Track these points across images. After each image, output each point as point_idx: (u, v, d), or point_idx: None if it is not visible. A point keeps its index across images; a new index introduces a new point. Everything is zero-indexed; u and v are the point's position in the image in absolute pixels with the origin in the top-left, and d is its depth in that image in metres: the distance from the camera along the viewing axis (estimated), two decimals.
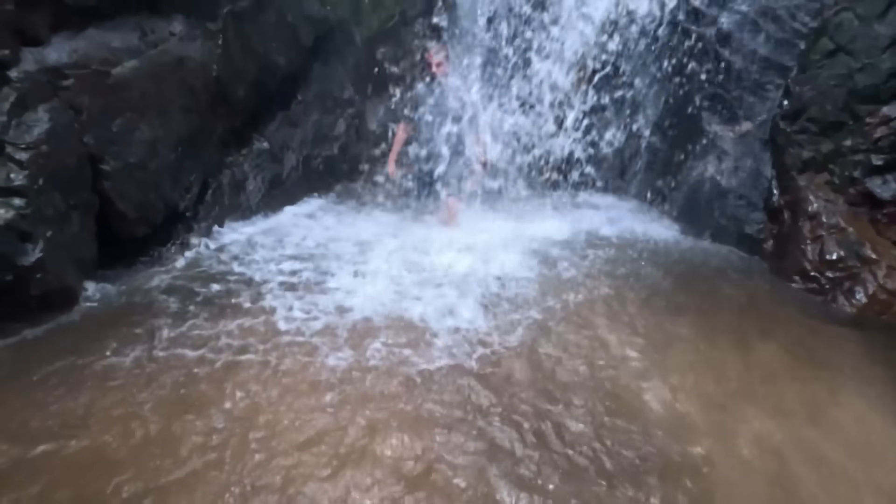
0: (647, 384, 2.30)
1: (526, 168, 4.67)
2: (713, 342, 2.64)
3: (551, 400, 2.18)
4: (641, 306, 2.96)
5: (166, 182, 3.20)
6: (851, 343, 2.69)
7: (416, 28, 6.65)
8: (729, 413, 2.15)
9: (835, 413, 2.21)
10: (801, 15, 3.72)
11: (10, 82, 2.34)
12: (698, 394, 2.27)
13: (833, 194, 3.30)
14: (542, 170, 4.72)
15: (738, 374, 2.41)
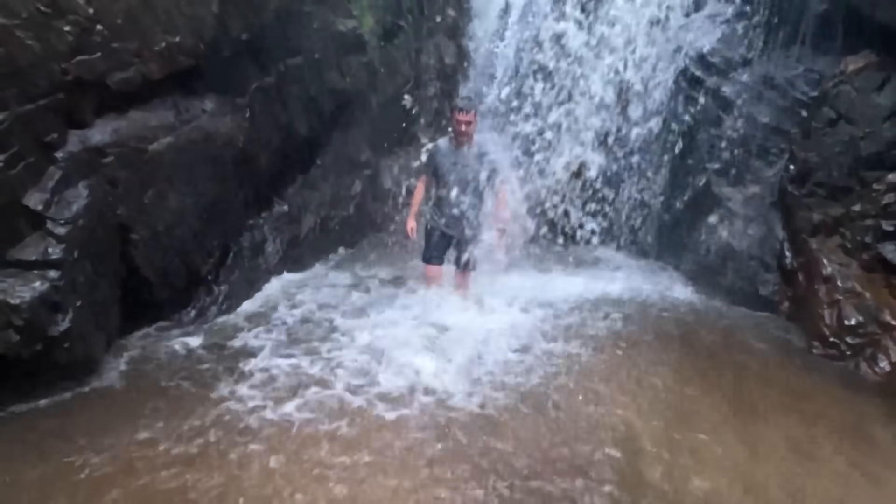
0: (668, 455, 2.25)
1: (539, 226, 4.77)
2: (734, 415, 2.58)
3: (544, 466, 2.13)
4: (655, 375, 2.92)
5: (190, 248, 3.31)
6: (882, 415, 2.62)
7: (430, 91, 6.99)
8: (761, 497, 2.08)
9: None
10: (801, 84, 3.89)
11: (56, 162, 2.50)
12: (724, 469, 2.21)
13: (846, 258, 3.32)
14: (556, 228, 4.81)
15: (766, 451, 2.35)
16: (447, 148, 3.59)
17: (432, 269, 3.74)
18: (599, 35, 4.94)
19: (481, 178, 3.54)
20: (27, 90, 2.31)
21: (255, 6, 3.42)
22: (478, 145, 3.53)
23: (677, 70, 4.58)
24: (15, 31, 2.21)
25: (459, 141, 3.50)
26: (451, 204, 3.57)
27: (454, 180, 3.54)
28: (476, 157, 3.51)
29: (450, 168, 3.54)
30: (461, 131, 3.42)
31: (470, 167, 3.51)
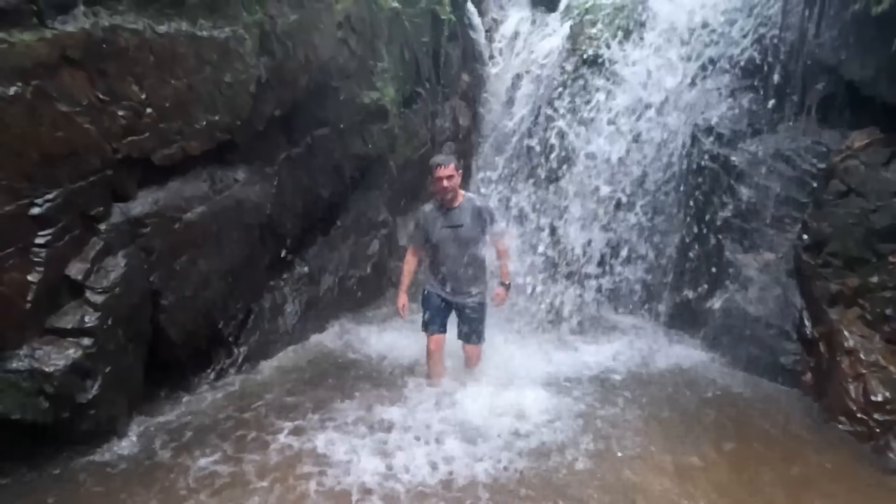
0: None
1: (550, 291, 4.80)
2: (757, 497, 2.50)
3: None
4: (673, 452, 2.85)
5: (215, 311, 3.39)
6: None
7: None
8: None
9: None
10: (809, 156, 4.01)
11: (99, 233, 2.64)
12: None
13: (868, 330, 3.29)
14: (567, 292, 4.84)
15: None
16: (434, 211, 3.36)
17: (434, 340, 3.42)
18: (611, 99, 5.18)
19: (476, 235, 3.32)
20: (80, 168, 2.48)
21: (288, 85, 3.68)
22: (467, 200, 3.33)
23: (687, 138, 4.75)
24: (75, 118, 2.40)
25: (444, 200, 3.27)
26: (448, 268, 3.35)
27: (447, 243, 3.31)
28: (467, 213, 3.29)
29: (441, 232, 3.31)
30: (442, 187, 3.19)
31: (463, 226, 3.28)
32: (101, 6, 2.46)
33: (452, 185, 3.21)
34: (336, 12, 4.08)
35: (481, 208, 3.34)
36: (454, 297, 3.42)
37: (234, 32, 3.14)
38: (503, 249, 3.46)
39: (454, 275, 3.37)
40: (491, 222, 3.36)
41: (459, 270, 3.35)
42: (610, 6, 5.91)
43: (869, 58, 3.40)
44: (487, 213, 3.37)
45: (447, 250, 3.34)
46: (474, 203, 3.36)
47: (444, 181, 3.18)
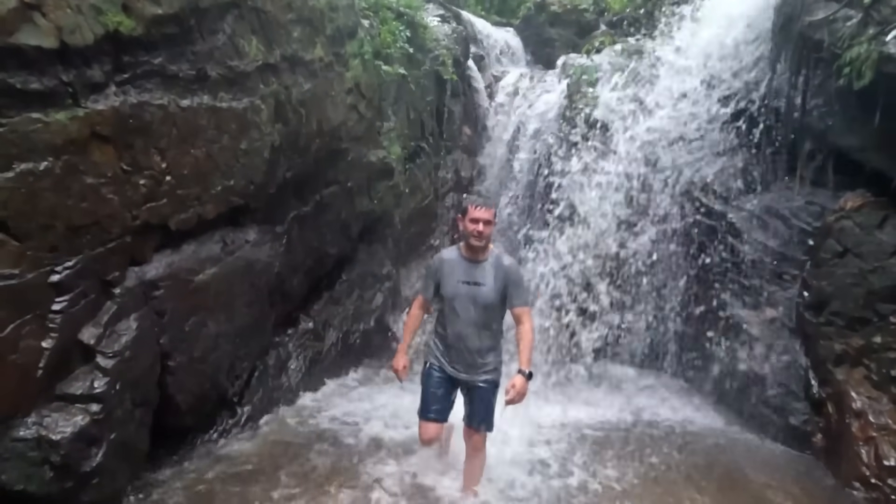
0: None
1: (554, 348, 4.81)
2: None
3: None
4: None
5: (222, 372, 3.39)
6: None
7: (447, 202, 7.45)
8: None
9: None
10: (804, 216, 4.12)
11: (113, 297, 2.68)
12: None
13: (875, 392, 3.29)
14: (570, 349, 4.84)
15: None
16: (456, 260, 2.78)
17: (430, 429, 2.83)
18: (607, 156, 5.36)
19: (497, 301, 2.74)
20: (100, 237, 2.56)
21: (300, 150, 3.84)
22: (494, 257, 2.75)
23: (683, 194, 4.89)
24: (100, 189, 2.50)
25: (473, 250, 2.71)
26: (458, 334, 2.75)
27: (464, 303, 2.72)
28: (491, 271, 2.71)
29: (458, 287, 2.72)
30: (478, 233, 2.64)
31: (485, 286, 2.70)
32: (131, 85, 2.61)
33: (488, 233, 2.70)
34: (347, 80, 4.31)
35: (508, 269, 2.75)
36: (462, 373, 2.82)
37: (252, 103, 3.31)
38: (526, 328, 2.74)
39: (464, 344, 2.77)
40: (517, 288, 2.76)
41: (471, 340, 2.76)
42: (605, 68, 6.22)
43: (855, 127, 3.57)
44: (516, 277, 2.77)
45: (460, 311, 2.75)
46: (502, 261, 2.76)
47: (482, 225, 2.65)
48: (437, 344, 2.91)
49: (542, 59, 9.07)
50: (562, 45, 8.95)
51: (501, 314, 2.85)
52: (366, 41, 4.59)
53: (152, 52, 2.69)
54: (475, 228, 2.67)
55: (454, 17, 7.84)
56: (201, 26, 2.92)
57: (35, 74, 2.21)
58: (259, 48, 3.32)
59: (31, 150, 2.24)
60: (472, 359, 2.80)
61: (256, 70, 3.32)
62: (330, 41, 4.05)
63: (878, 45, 3.04)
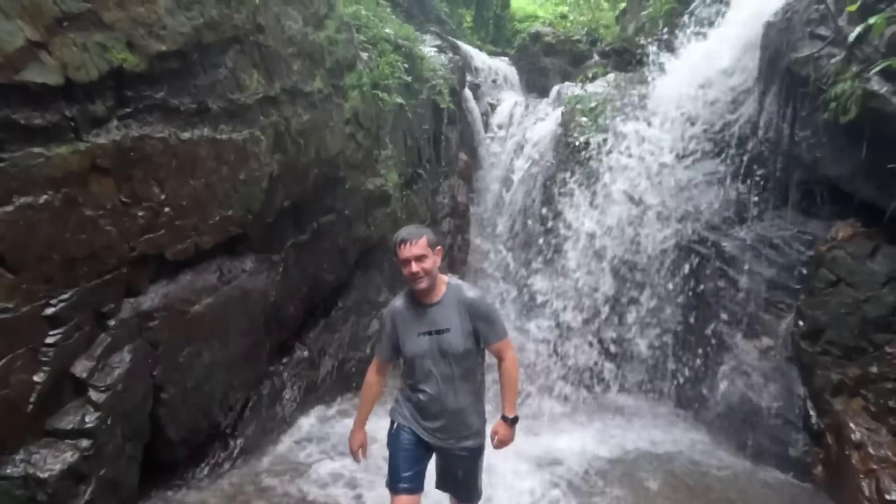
0: None
1: (550, 375, 4.78)
2: None
3: None
4: None
5: (215, 403, 3.34)
6: None
7: (444, 227, 7.49)
8: None
9: None
10: (796, 245, 4.16)
11: (108, 329, 2.66)
12: None
13: (874, 423, 3.27)
14: (567, 377, 4.82)
15: None
16: (408, 309, 2.31)
17: (402, 502, 2.31)
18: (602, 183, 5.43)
19: (469, 344, 2.27)
20: (97, 268, 2.55)
21: (298, 178, 3.87)
22: (451, 291, 2.27)
23: (678, 222, 4.94)
24: (98, 220, 2.51)
25: (417, 292, 2.24)
26: (433, 396, 2.29)
27: (431, 358, 2.27)
28: (453, 310, 2.25)
29: (419, 341, 2.26)
30: (411, 273, 2.19)
31: (449, 331, 2.24)
32: (132, 119, 2.65)
33: (426, 269, 2.19)
34: (345, 110, 4.38)
35: (473, 303, 2.27)
36: (439, 441, 2.35)
37: (252, 134, 3.36)
38: (507, 364, 2.33)
39: (439, 406, 2.30)
40: (489, 323, 2.30)
41: (448, 399, 2.29)
42: (598, 97, 6.36)
43: (843, 158, 3.64)
44: (484, 309, 2.30)
45: (429, 369, 2.27)
46: (462, 294, 2.28)
47: (413, 264, 2.18)
48: (405, 403, 2.40)
49: (536, 88, 9.29)
50: (555, 73, 9.18)
51: (479, 359, 2.37)
52: (364, 73, 4.69)
53: (155, 87, 2.73)
54: (407, 271, 2.21)
55: (451, 48, 8.05)
56: (204, 61, 2.98)
57: (39, 110, 2.24)
58: (260, 81, 3.38)
59: (31, 183, 2.25)
60: (450, 422, 2.32)
61: (257, 102, 3.37)
62: (329, 73, 4.13)
63: (863, 82, 3.13)
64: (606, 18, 11.03)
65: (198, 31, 2.87)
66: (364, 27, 5.26)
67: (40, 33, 2.19)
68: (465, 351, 2.28)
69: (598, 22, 10.40)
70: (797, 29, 3.85)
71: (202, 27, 2.90)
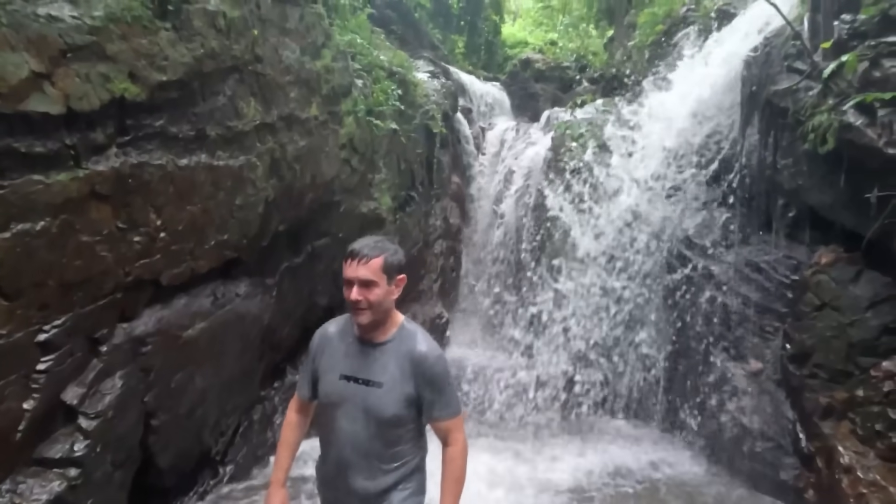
0: None
1: (538, 398, 4.79)
2: None
3: None
4: None
5: (207, 429, 3.30)
6: None
7: (436, 249, 7.54)
8: None
9: None
10: (782, 269, 4.26)
11: (100, 355, 2.65)
12: None
13: (862, 446, 3.31)
14: (556, 399, 4.83)
15: None
16: (339, 335, 1.81)
17: None
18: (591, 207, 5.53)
19: (402, 412, 1.70)
20: (91, 294, 2.55)
21: (293, 203, 3.91)
22: (405, 336, 1.74)
23: (667, 245, 5.04)
24: (95, 246, 2.52)
25: (360, 327, 1.71)
26: (341, 465, 1.72)
27: (349, 413, 1.71)
28: (394, 360, 1.71)
29: (339, 386, 1.73)
30: (354, 302, 1.67)
31: (383, 387, 1.69)
32: (132, 146, 2.69)
33: (371, 301, 1.66)
34: (341, 136, 4.46)
35: (423, 360, 1.71)
36: None
37: (248, 160, 3.41)
38: (453, 453, 1.73)
39: (345, 482, 1.73)
40: (438, 392, 1.72)
41: (357, 476, 1.71)
42: (587, 123, 6.53)
43: (824, 186, 3.77)
44: (435, 372, 1.71)
45: (338, 425, 1.72)
46: (413, 345, 1.73)
47: (356, 290, 1.67)
48: (320, 467, 1.84)
49: (527, 112, 9.49)
50: (546, 99, 9.41)
51: (414, 433, 1.75)
52: (359, 99, 4.79)
53: (155, 115, 2.78)
54: (347, 296, 1.68)
55: (443, 73, 8.22)
56: (203, 90, 3.05)
57: (40, 138, 2.27)
58: (257, 109, 3.45)
59: (30, 210, 2.27)
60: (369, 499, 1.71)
61: (254, 129, 3.44)
62: (325, 101, 4.22)
63: (839, 115, 3.26)
64: (595, 45, 11.36)
65: (198, 62, 2.94)
66: (359, 55, 5.39)
67: (45, 65, 2.24)
68: (395, 418, 1.69)
69: (587, 49, 10.72)
70: (776, 63, 4.02)
71: (202, 58, 2.97)
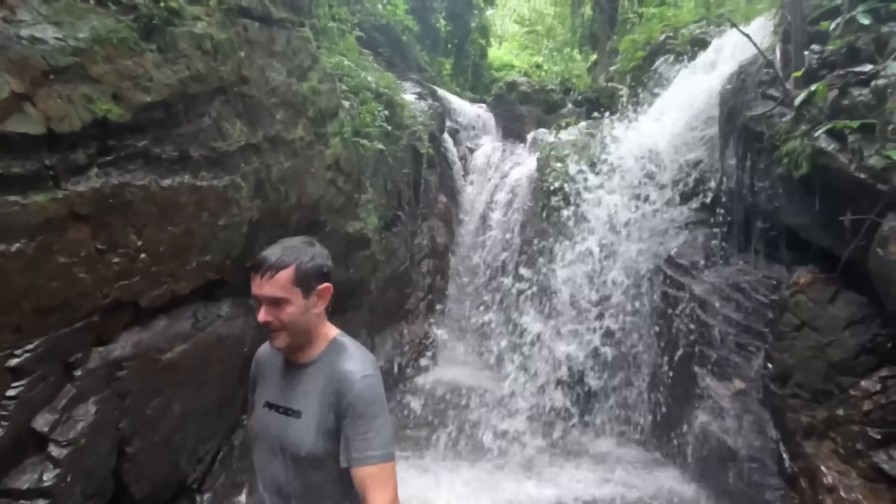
0: None
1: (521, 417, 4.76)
2: None
3: None
4: None
5: (184, 456, 3.21)
6: None
7: (423, 268, 7.54)
8: None
9: None
10: (762, 289, 4.34)
11: (73, 380, 2.57)
12: None
13: (844, 466, 3.33)
14: (540, 419, 4.80)
15: None
16: (271, 357, 1.65)
17: None
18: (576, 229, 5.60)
19: (321, 448, 1.44)
20: (67, 316, 2.49)
21: (278, 224, 3.89)
22: (330, 354, 1.52)
23: (649, 265, 5.10)
24: (72, 268, 2.47)
25: (274, 348, 1.57)
26: (259, 494, 1.57)
27: (267, 448, 1.55)
28: (318, 382, 1.48)
29: (260, 406, 1.59)
30: (265, 324, 1.50)
31: (302, 416, 1.47)
32: (113, 167, 2.66)
33: (284, 321, 1.48)
34: (327, 157, 4.47)
35: (344, 378, 1.44)
36: None
37: (233, 181, 3.39)
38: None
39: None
40: (356, 426, 1.41)
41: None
42: (571, 145, 6.65)
43: (800, 208, 3.87)
44: (357, 398, 1.42)
45: (262, 460, 1.56)
46: (339, 363, 1.48)
47: (263, 310, 1.49)
48: None
49: (512, 133, 9.64)
50: (531, 120, 9.57)
51: (345, 481, 1.42)
52: (346, 121, 4.83)
53: (138, 136, 2.77)
54: (257, 312, 1.49)
55: (430, 95, 8.35)
56: (188, 111, 3.04)
57: (19, 159, 2.25)
58: (242, 130, 3.45)
59: (5, 231, 2.22)
60: None
61: (239, 150, 3.43)
62: (312, 122, 4.24)
63: (812, 140, 3.37)
64: (579, 69, 11.67)
65: (183, 84, 2.94)
66: (347, 77, 5.45)
67: (26, 86, 2.23)
68: (312, 457, 1.40)
69: (571, 72, 10.99)
70: (750, 89, 4.16)
71: (188, 80, 2.98)
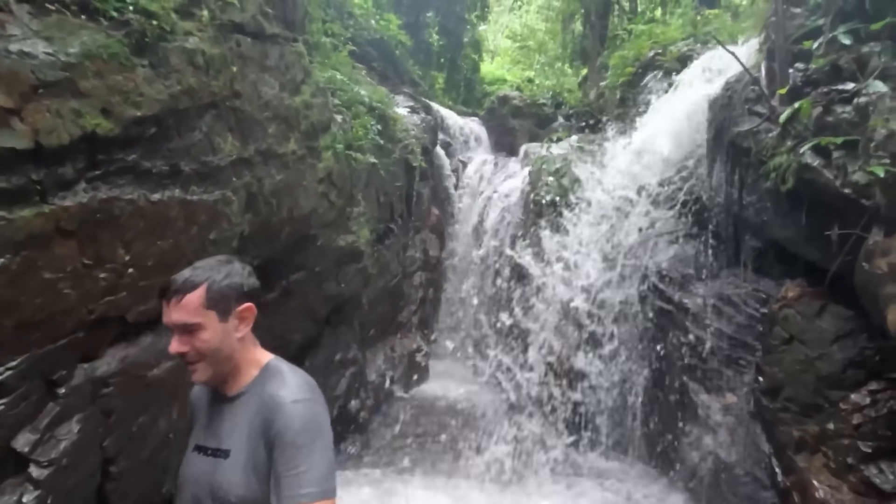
0: None
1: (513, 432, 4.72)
2: None
3: None
4: None
5: (170, 475, 3.13)
6: None
7: (415, 281, 7.52)
8: None
9: None
10: (752, 302, 4.37)
11: (57, 398, 2.51)
12: None
13: (835, 480, 3.33)
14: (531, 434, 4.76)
15: None
16: (202, 392, 1.52)
17: None
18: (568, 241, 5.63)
19: (252, 483, 1.29)
20: (51, 333, 2.45)
21: (269, 237, 3.88)
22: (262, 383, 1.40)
23: (642, 279, 5.13)
24: (57, 284, 2.44)
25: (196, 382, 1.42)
26: None
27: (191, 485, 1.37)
28: (247, 415, 1.36)
29: (189, 450, 1.46)
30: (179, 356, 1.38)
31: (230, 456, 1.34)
32: (101, 181, 2.64)
33: (201, 351, 1.36)
34: (319, 170, 4.48)
35: (274, 404, 1.33)
36: None
37: (224, 195, 3.38)
38: None
39: None
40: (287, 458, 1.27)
41: None
42: (562, 158, 6.71)
43: (787, 222, 3.92)
44: (282, 424, 1.30)
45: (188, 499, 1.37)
46: (270, 389, 1.37)
47: (176, 339, 1.38)
48: None
49: (504, 147, 9.73)
50: (522, 134, 9.67)
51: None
52: (338, 134, 4.85)
53: (127, 150, 2.75)
54: (173, 341, 1.37)
55: (423, 108, 8.42)
56: (179, 125, 3.04)
57: (4, 174, 2.22)
58: (234, 144, 3.45)
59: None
60: None
61: (230, 164, 3.42)
62: (304, 136, 4.25)
63: (797, 156, 3.43)
64: (570, 83, 11.82)
65: (174, 98, 2.94)
66: (339, 91, 5.49)
67: (14, 100, 2.21)
68: (247, 499, 1.27)
69: (563, 87, 11.13)
70: (737, 106, 4.23)
71: (179, 94, 2.98)
